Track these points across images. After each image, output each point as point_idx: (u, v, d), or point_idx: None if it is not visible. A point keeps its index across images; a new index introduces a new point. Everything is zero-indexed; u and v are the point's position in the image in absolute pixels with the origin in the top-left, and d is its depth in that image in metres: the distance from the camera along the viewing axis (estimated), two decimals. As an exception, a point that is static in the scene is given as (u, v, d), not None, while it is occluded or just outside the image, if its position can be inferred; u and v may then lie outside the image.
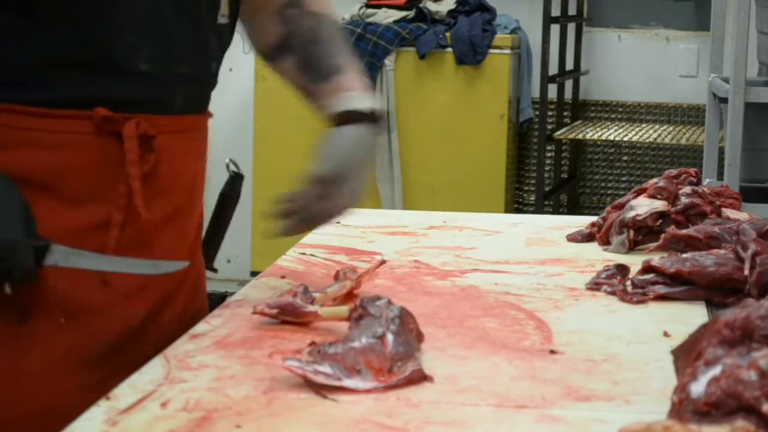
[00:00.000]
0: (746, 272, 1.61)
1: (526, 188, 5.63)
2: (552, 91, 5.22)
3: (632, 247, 1.95)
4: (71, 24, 1.42)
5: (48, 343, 1.43)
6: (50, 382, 1.43)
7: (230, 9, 1.62)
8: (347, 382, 1.24)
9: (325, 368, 1.24)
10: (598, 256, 1.93)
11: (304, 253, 1.90)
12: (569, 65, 5.46)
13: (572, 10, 5.44)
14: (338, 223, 2.16)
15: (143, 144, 1.47)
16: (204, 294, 1.69)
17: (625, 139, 5.04)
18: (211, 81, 1.63)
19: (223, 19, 1.60)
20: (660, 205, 1.96)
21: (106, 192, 1.46)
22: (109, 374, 1.41)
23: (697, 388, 1.02)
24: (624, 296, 1.65)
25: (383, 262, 1.81)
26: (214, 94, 1.66)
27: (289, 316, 1.48)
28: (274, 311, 1.48)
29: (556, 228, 2.15)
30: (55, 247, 1.38)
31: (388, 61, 5.11)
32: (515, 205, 5.57)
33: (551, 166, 5.51)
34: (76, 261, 1.40)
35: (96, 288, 1.46)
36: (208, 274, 1.73)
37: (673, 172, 2.07)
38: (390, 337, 1.29)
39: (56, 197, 1.43)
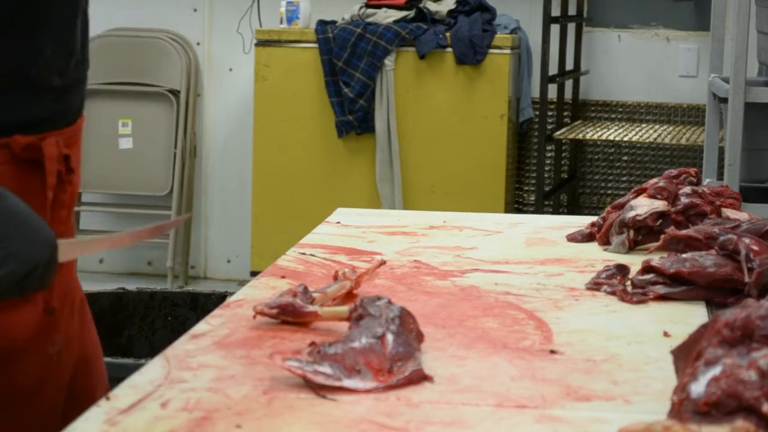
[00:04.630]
0: (745, 276, 1.61)
1: (526, 188, 5.63)
2: (552, 91, 5.23)
3: (632, 247, 1.95)
4: None
5: None
6: None
7: None
8: (347, 383, 1.24)
9: (325, 368, 1.24)
10: (598, 256, 1.93)
11: (304, 253, 1.90)
12: (569, 65, 5.46)
13: (572, 10, 5.45)
14: (338, 223, 2.16)
15: (63, 166, 1.43)
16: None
17: (625, 139, 5.04)
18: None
19: None
20: (660, 205, 1.96)
21: None
22: (37, 413, 1.41)
23: (697, 388, 1.02)
24: (624, 296, 1.65)
25: (383, 262, 1.81)
26: (214, 94, 1.63)
27: (289, 316, 1.48)
28: (274, 311, 1.48)
29: (556, 228, 2.15)
30: (60, 242, 1.32)
31: (388, 61, 5.12)
32: (515, 205, 5.57)
33: (551, 166, 5.52)
34: (81, 249, 1.35)
35: (24, 324, 1.43)
36: (209, 273, 1.73)
37: (673, 172, 2.06)
38: (390, 337, 1.29)
39: None
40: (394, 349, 1.28)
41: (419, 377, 1.27)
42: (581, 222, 2.14)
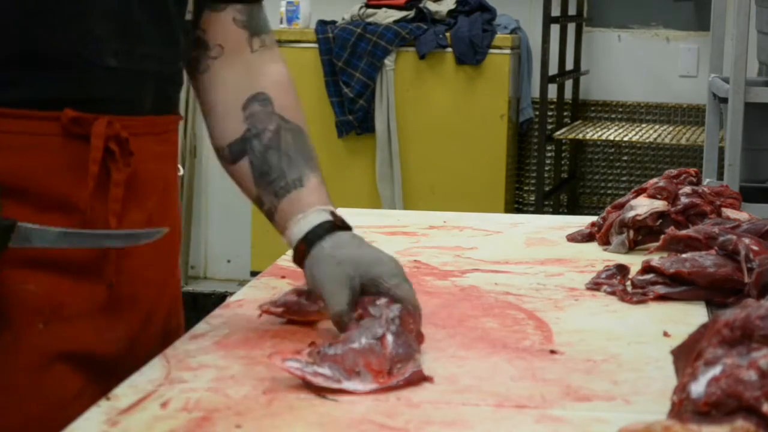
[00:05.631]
0: (745, 276, 1.61)
1: (526, 188, 5.63)
2: (552, 91, 5.23)
3: (632, 247, 1.95)
4: (37, 18, 1.38)
5: (30, 351, 1.41)
6: (35, 391, 1.42)
7: (195, 5, 1.57)
8: (347, 385, 1.23)
9: (325, 370, 1.24)
10: (598, 256, 1.93)
11: (304, 253, 1.90)
12: (569, 65, 5.46)
13: (572, 10, 5.45)
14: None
15: (118, 147, 1.43)
16: (181, 310, 1.63)
17: (625, 139, 5.04)
18: (180, 80, 1.59)
19: (189, 16, 1.56)
20: (660, 205, 1.96)
21: (75, 199, 1.40)
22: (94, 383, 1.40)
23: (697, 388, 1.02)
24: (624, 296, 1.65)
25: (383, 262, 1.81)
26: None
27: (294, 314, 1.48)
28: (280, 310, 1.48)
29: (556, 228, 2.15)
30: (22, 225, 1.33)
31: (388, 61, 5.11)
32: (515, 205, 5.57)
33: (551, 166, 5.51)
34: (39, 239, 1.34)
35: (72, 291, 1.44)
36: (209, 273, 1.73)
37: (673, 172, 2.06)
38: (390, 338, 1.29)
39: (23, 203, 1.38)
40: (394, 350, 1.28)
41: (419, 379, 1.27)
42: (581, 222, 2.14)
